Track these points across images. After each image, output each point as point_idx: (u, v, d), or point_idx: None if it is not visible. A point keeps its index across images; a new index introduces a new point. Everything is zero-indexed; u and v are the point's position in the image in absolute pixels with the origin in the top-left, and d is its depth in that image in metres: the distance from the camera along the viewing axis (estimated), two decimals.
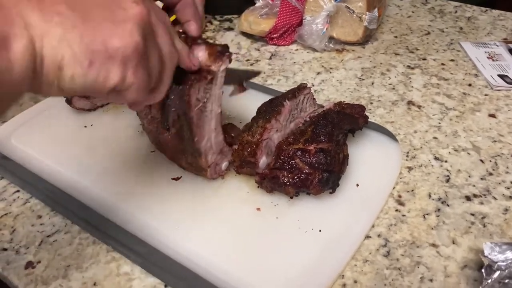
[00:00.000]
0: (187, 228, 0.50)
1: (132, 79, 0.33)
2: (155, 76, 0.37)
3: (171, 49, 0.38)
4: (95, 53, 0.30)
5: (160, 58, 0.37)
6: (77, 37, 0.29)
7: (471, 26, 0.97)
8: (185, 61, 0.42)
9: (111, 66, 0.31)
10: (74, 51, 0.29)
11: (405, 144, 0.65)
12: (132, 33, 0.32)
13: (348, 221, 0.51)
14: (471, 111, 0.71)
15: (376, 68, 0.83)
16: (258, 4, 0.92)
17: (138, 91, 0.35)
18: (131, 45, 0.32)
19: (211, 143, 0.53)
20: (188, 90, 0.48)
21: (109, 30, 0.31)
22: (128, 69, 0.33)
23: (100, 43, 0.30)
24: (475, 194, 0.57)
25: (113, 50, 0.31)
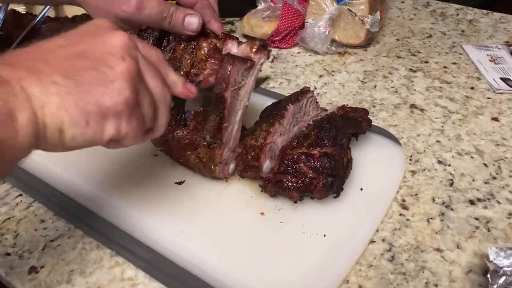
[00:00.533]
0: (191, 232, 0.50)
1: (126, 130, 0.36)
2: (149, 119, 0.39)
3: (162, 89, 0.40)
4: (90, 114, 0.34)
5: (152, 101, 0.39)
6: (72, 102, 0.33)
7: (473, 29, 0.97)
8: (181, 91, 0.43)
9: (105, 123, 0.35)
10: (72, 115, 0.33)
11: (408, 148, 0.65)
12: (121, 90, 0.35)
13: (352, 226, 0.51)
14: (474, 115, 0.71)
15: (378, 71, 0.83)
16: (260, 7, 0.92)
17: (134, 137, 0.38)
18: (121, 101, 0.35)
19: (232, 136, 0.54)
20: (232, 68, 0.50)
21: (100, 91, 0.34)
22: (121, 122, 0.36)
23: (93, 104, 0.34)
24: (479, 198, 0.57)
25: (106, 109, 0.34)
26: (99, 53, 0.35)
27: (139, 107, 0.37)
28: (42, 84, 0.32)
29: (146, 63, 0.38)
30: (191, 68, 0.53)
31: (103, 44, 0.36)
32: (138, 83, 0.37)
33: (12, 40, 0.77)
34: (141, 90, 0.37)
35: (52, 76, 0.33)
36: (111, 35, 0.37)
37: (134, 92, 0.36)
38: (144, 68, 0.38)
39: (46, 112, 0.32)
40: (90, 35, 0.37)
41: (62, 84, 0.33)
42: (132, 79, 0.36)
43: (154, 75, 0.39)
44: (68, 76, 0.33)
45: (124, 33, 0.38)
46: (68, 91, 0.33)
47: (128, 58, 0.36)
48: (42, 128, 0.33)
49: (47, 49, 0.35)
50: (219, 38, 0.53)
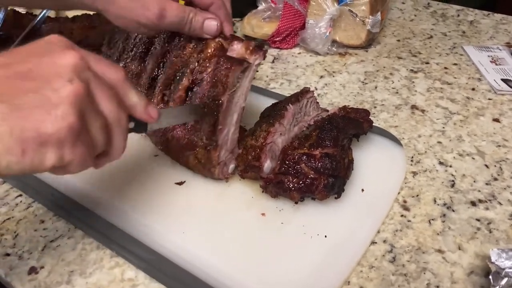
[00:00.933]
0: (191, 233, 0.50)
1: (70, 157, 0.34)
2: (100, 143, 0.37)
3: (116, 112, 0.37)
4: (27, 142, 0.31)
5: (104, 124, 0.37)
6: (7, 129, 0.31)
7: (474, 30, 0.97)
8: (142, 114, 0.41)
9: (45, 151, 0.32)
10: (5, 143, 0.31)
11: (409, 149, 0.64)
12: (65, 115, 0.32)
13: (354, 227, 0.51)
14: (475, 116, 0.71)
15: (379, 72, 0.83)
16: (261, 7, 0.92)
17: (81, 164, 0.35)
18: (64, 127, 0.32)
19: (228, 138, 0.54)
20: (228, 72, 0.50)
21: (40, 117, 0.32)
22: (64, 149, 0.33)
23: (31, 131, 0.31)
24: (480, 200, 0.56)
25: (46, 136, 0.32)
26: (45, 73, 0.33)
27: (87, 132, 0.35)
28: None
29: (99, 84, 0.36)
30: (196, 66, 0.54)
31: (52, 63, 0.34)
32: (86, 106, 0.34)
33: (12, 40, 0.77)
34: (90, 114, 0.35)
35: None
36: (61, 54, 0.34)
37: (80, 117, 0.33)
38: (96, 90, 0.36)
39: None
40: (39, 53, 0.34)
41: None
42: (79, 103, 0.33)
43: (108, 96, 0.37)
44: (3, 100, 0.31)
45: (76, 52, 0.35)
46: (3, 116, 0.31)
47: (77, 80, 0.34)
48: None
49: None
50: (226, 39, 0.54)
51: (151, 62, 0.58)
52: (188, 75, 0.54)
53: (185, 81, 0.54)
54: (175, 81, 0.55)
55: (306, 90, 0.61)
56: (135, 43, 0.61)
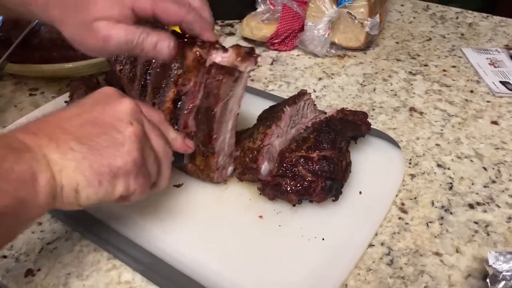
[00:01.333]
0: (189, 235, 0.50)
1: (134, 186, 0.40)
2: (154, 174, 0.43)
3: (164, 148, 0.44)
4: (103, 175, 0.38)
5: (156, 159, 0.43)
6: (87, 165, 0.37)
7: (473, 32, 0.97)
8: (180, 147, 0.48)
9: (116, 182, 0.39)
10: (86, 177, 0.37)
11: (407, 151, 0.64)
12: (130, 151, 0.39)
13: (351, 229, 0.51)
14: (473, 118, 0.71)
15: (377, 74, 0.83)
16: (260, 9, 0.92)
17: (141, 192, 0.42)
18: (130, 162, 0.39)
19: (225, 144, 0.54)
20: (219, 84, 0.49)
21: (111, 154, 0.38)
22: (130, 180, 0.40)
23: (105, 166, 0.38)
24: (478, 202, 0.56)
25: (116, 169, 0.39)
26: (109, 119, 0.40)
27: (145, 165, 0.41)
28: (60, 151, 0.37)
29: (150, 125, 0.43)
30: (178, 78, 0.51)
31: (113, 111, 0.40)
32: (144, 143, 0.41)
33: (11, 42, 0.77)
34: (146, 149, 0.41)
35: (69, 142, 0.37)
36: (119, 103, 0.41)
37: (141, 152, 0.40)
38: (148, 130, 0.42)
39: (63, 175, 0.36)
40: (100, 103, 0.41)
41: (78, 149, 0.37)
42: (139, 141, 0.40)
43: (158, 135, 0.43)
44: (83, 142, 0.37)
45: (129, 100, 0.42)
46: (83, 155, 0.37)
47: (135, 122, 0.40)
48: (60, 189, 0.37)
49: (64, 117, 0.39)
50: (204, 47, 0.49)
51: (139, 68, 0.57)
52: (171, 87, 0.52)
53: (170, 93, 0.53)
54: (161, 91, 0.54)
55: (303, 92, 0.61)
56: None
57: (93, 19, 0.47)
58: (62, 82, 0.80)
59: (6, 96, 0.77)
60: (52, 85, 0.79)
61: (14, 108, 0.74)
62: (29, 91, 0.78)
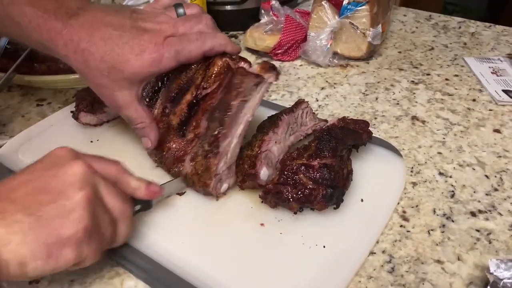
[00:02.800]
0: (191, 243, 0.51)
1: (86, 252, 0.39)
2: (109, 235, 0.43)
3: (121, 207, 0.43)
4: (51, 246, 0.37)
5: (111, 219, 0.43)
6: (34, 237, 0.36)
7: (475, 42, 0.98)
8: (145, 194, 0.48)
9: (66, 251, 0.38)
10: (33, 249, 0.36)
11: (409, 160, 0.65)
12: (80, 219, 0.38)
13: (353, 237, 0.51)
14: (475, 126, 0.71)
15: (380, 83, 0.84)
16: (263, 20, 0.93)
17: (95, 256, 0.41)
18: (81, 230, 0.38)
19: (229, 149, 0.54)
20: (242, 80, 0.52)
21: (60, 223, 0.37)
22: (82, 248, 0.39)
23: (54, 236, 0.37)
24: (480, 210, 0.56)
25: (66, 239, 0.37)
26: (58, 185, 0.39)
27: (98, 229, 0.40)
28: (6, 223, 0.36)
29: (105, 185, 0.42)
30: (201, 82, 0.55)
31: (63, 175, 0.39)
32: (96, 207, 0.40)
33: (18, 54, 0.78)
34: (99, 213, 0.40)
35: (15, 214, 0.36)
36: (70, 166, 0.40)
37: (93, 218, 0.39)
38: (103, 191, 0.42)
39: (8, 249, 0.35)
40: (51, 167, 0.40)
41: (24, 221, 0.36)
42: (91, 206, 0.39)
43: (114, 194, 0.43)
44: (30, 213, 0.37)
45: (82, 161, 0.41)
46: (30, 226, 0.36)
47: (86, 186, 0.39)
48: (4, 264, 0.35)
49: (12, 187, 0.39)
50: (233, 59, 0.55)
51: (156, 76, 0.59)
52: (192, 90, 0.56)
53: (188, 96, 0.56)
54: (178, 95, 0.56)
55: (301, 101, 0.62)
56: None
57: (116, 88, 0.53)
58: (69, 92, 0.81)
59: (14, 107, 0.78)
60: (58, 95, 0.81)
61: (22, 118, 0.75)
62: (36, 102, 0.79)
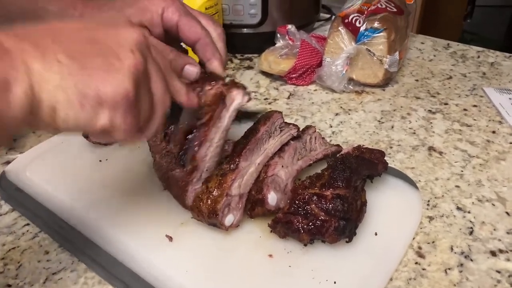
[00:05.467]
0: (195, 273, 0.49)
1: (120, 123, 0.36)
2: (144, 119, 0.39)
3: (163, 94, 0.40)
4: (86, 98, 0.33)
5: (151, 103, 0.39)
6: (72, 83, 0.33)
7: (494, 72, 0.96)
8: (184, 99, 0.44)
9: (100, 110, 0.34)
10: (68, 95, 0.33)
11: (426, 192, 0.62)
12: (124, 82, 0.34)
13: (365, 273, 0.49)
14: (495, 160, 0.69)
15: (396, 111, 0.82)
16: (278, 44, 0.92)
17: (126, 132, 0.37)
18: (121, 93, 0.34)
19: (247, 173, 0.53)
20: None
21: (102, 78, 0.34)
22: (116, 114, 0.35)
23: (92, 89, 0.33)
24: (501, 250, 0.53)
25: (104, 96, 0.34)
26: (111, 43, 0.35)
27: (137, 104, 0.37)
28: (45, 60, 0.32)
29: (154, 65, 0.38)
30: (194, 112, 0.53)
31: (117, 35, 0.36)
32: (142, 81, 0.37)
33: None
34: (143, 88, 0.37)
35: (58, 54, 0.33)
36: (127, 29, 0.37)
37: (136, 88, 0.36)
38: (151, 69, 0.38)
39: (43, 88, 0.32)
40: (107, 25, 0.37)
41: (66, 63, 0.33)
42: (137, 75, 0.36)
43: (160, 78, 0.39)
44: (74, 57, 0.33)
45: (140, 31, 0.38)
46: (70, 71, 0.33)
47: (138, 54, 0.36)
48: (37, 103, 0.32)
49: (60, 28, 0.35)
50: (226, 84, 0.52)
51: None
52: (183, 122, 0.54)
53: (183, 125, 0.54)
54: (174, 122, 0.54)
55: (308, 127, 0.63)
56: None
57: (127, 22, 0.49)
58: None
59: None
60: None
61: (33, 134, 0.74)
62: None
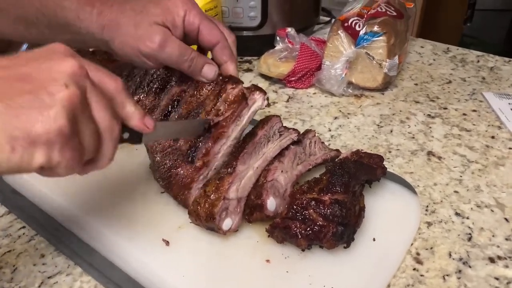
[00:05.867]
0: (192, 277, 0.48)
1: (58, 159, 0.34)
2: (90, 150, 0.38)
3: (110, 121, 0.38)
4: (17, 140, 0.32)
5: (95, 132, 0.38)
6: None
7: (494, 76, 0.96)
8: (137, 124, 0.43)
9: (34, 150, 0.33)
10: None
11: (424, 197, 0.62)
12: (56, 118, 0.33)
13: (363, 279, 0.48)
14: (494, 165, 0.69)
15: (395, 115, 0.82)
16: (278, 47, 0.92)
17: (68, 167, 0.36)
18: (54, 129, 0.33)
19: (244, 176, 0.53)
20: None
21: (32, 117, 0.33)
22: (53, 151, 0.34)
23: (21, 130, 0.32)
24: (499, 256, 0.53)
25: (36, 136, 0.33)
26: (42, 78, 0.34)
27: (77, 137, 0.36)
28: None
29: (95, 93, 0.37)
30: (212, 108, 0.55)
31: (49, 69, 0.35)
32: (80, 112, 0.35)
33: None
34: (82, 120, 0.36)
35: None
36: (61, 61, 0.36)
37: (72, 122, 0.34)
38: (92, 98, 0.37)
39: None
40: (40, 58, 0.36)
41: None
42: (72, 108, 0.34)
43: (103, 106, 0.38)
44: (1, 99, 0.32)
45: (75, 61, 0.36)
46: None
47: (72, 86, 0.35)
48: None
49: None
50: (248, 88, 0.56)
51: (166, 99, 0.58)
52: (202, 116, 0.55)
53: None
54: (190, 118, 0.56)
55: (308, 131, 0.62)
56: (152, 79, 0.61)
57: (152, 22, 0.51)
58: None
59: None
60: None
61: None
62: None
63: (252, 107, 0.55)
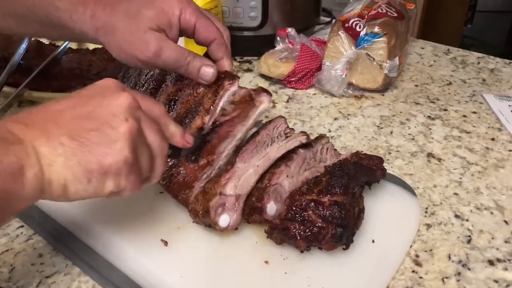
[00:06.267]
0: (190, 278, 0.48)
1: (125, 184, 0.40)
2: (146, 171, 0.43)
3: (160, 143, 0.43)
4: (91, 172, 0.37)
5: (150, 154, 0.42)
6: (76, 162, 0.37)
7: (494, 78, 0.96)
8: (179, 141, 0.48)
9: (106, 179, 0.38)
10: (75, 173, 0.37)
11: (424, 199, 0.62)
12: (122, 149, 0.38)
13: (362, 281, 0.48)
14: (494, 167, 0.68)
15: (395, 116, 0.81)
16: (278, 47, 0.92)
17: (132, 189, 0.41)
18: (121, 160, 0.38)
19: (244, 173, 0.52)
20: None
21: (102, 151, 0.38)
22: (121, 178, 0.39)
23: (95, 163, 0.37)
24: (498, 259, 0.53)
25: (107, 167, 0.38)
26: (104, 114, 0.39)
27: (137, 163, 0.40)
28: (50, 145, 0.36)
29: (147, 120, 0.42)
30: (210, 106, 0.55)
31: (109, 105, 0.39)
32: (138, 141, 0.40)
33: (32, 70, 0.78)
34: (140, 146, 0.40)
35: (60, 137, 0.37)
36: (116, 97, 0.40)
37: (134, 151, 0.39)
38: (145, 126, 0.41)
39: (52, 170, 0.36)
40: (98, 96, 0.40)
41: (68, 145, 0.36)
42: (133, 139, 0.39)
43: (154, 130, 0.43)
44: (74, 137, 0.37)
45: (129, 94, 0.41)
46: (73, 151, 0.37)
47: (131, 119, 0.39)
48: (47, 183, 0.36)
49: (58, 110, 0.39)
50: (255, 89, 0.57)
51: (162, 99, 0.58)
52: (201, 115, 0.54)
53: (198, 121, 0.55)
54: (187, 119, 0.55)
55: (321, 136, 0.60)
56: (147, 79, 0.61)
57: (146, 28, 0.51)
58: None
59: None
60: None
61: None
62: None
63: (259, 108, 0.57)
